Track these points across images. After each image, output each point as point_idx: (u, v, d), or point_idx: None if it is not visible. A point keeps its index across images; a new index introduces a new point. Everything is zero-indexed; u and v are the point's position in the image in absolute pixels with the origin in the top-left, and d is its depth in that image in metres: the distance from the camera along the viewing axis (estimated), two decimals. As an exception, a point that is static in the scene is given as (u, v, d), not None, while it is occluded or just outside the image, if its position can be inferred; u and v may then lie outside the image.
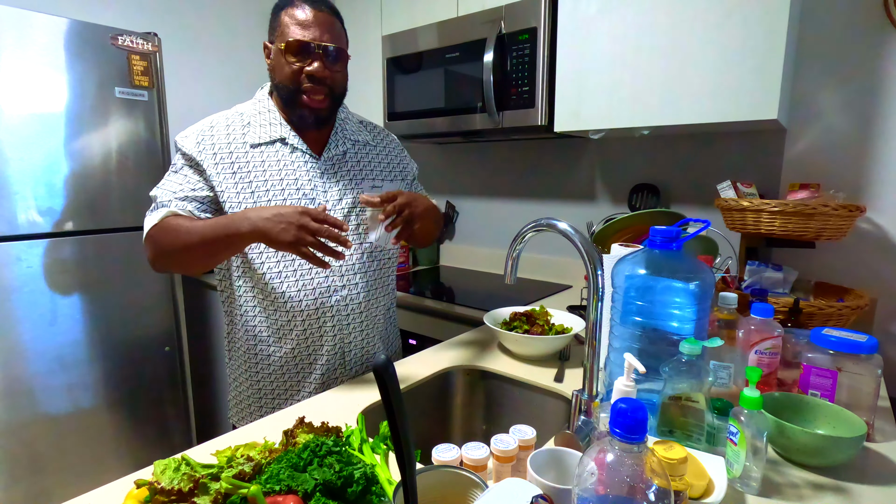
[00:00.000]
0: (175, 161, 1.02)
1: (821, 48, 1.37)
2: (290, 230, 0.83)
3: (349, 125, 1.13)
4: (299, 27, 0.96)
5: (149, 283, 1.69)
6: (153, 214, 0.97)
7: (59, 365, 1.51)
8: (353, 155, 1.10)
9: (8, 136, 1.38)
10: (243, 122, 1.04)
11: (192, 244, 0.91)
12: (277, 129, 1.03)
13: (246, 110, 1.06)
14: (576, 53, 1.47)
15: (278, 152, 1.02)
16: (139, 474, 0.66)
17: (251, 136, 1.02)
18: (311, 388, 1.06)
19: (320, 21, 0.97)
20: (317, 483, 0.54)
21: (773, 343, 0.86)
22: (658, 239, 0.76)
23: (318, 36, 0.96)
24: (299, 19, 0.96)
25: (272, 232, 0.84)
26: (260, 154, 1.01)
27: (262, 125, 1.03)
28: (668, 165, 1.72)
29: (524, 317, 1.22)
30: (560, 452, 0.62)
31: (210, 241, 0.90)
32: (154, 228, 0.95)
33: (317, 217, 0.84)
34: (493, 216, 2.22)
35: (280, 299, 1.01)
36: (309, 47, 0.96)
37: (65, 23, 1.46)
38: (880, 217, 1.34)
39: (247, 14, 2.38)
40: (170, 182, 1.00)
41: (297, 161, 1.03)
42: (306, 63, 0.97)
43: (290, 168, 1.02)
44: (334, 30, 0.99)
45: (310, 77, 0.97)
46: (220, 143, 1.00)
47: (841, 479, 0.69)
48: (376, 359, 0.45)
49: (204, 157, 0.98)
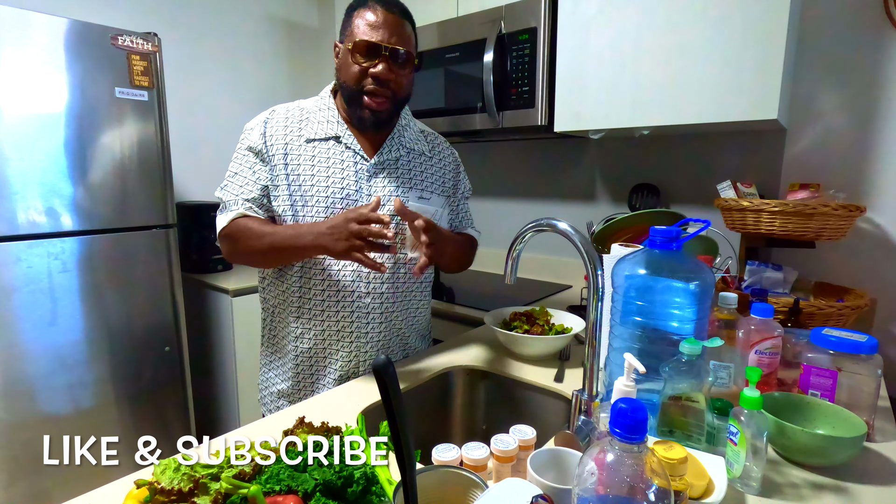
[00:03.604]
0: (238, 154, 1.04)
1: (821, 48, 1.37)
2: (342, 240, 0.88)
3: (408, 132, 1.11)
4: (369, 28, 0.96)
5: (149, 283, 1.69)
6: (223, 216, 1.02)
7: (59, 365, 1.50)
8: (405, 163, 1.08)
9: (8, 136, 1.38)
10: (302, 116, 1.05)
11: (262, 249, 0.98)
12: (334, 126, 1.04)
13: (307, 105, 1.07)
14: (576, 53, 1.47)
15: (330, 149, 1.03)
16: (139, 474, 0.66)
17: (307, 131, 1.03)
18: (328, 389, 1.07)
19: (390, 23, 0.96)
20: (317, 483, 0.54)
21: (773, 343, 0.86)
22: (658, 239, 0.76)
23: (386, 38, 0.96)
24: (370, 20, 0.96)
25: (329, 245, 0.90)
26: (312, 149, 1.02)
27: (320, 122, 1.04)
28: (668, 165, 1.72)
29: (524, 317, 1.22)
30: (560, 452, 0.62)
31: (278, 250, 0.97)
32: (226, 229, 1.01)
33: (360, 218, 0.87)
34: (493, 216, 2.21)
35: (306, 296, 1.03)
36: (376, 48, 0.96)
37: (65, 23, 1.45)
38: (880, 217, 1.34)
39: (247, 14, 2.38)
40: (234, 182, 1.03)
41: (348, 160, 1.03)
42: (372, 64, 0.97)
43: (338, 166, 1.02)
44: (404, 33, 0.98)
45: (374, 78, 0.97)
46: (278, 134, 1.02)
47: (841, 479, 0.69)
48: (376, 359, 0.45)
49: (267, 148, 1.01)
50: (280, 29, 2.51)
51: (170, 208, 1.72)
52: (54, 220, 1.48)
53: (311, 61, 2.65)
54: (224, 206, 1.03)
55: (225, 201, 1.03)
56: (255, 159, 1.02)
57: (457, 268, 1.18)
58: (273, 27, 2.48)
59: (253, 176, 1.02)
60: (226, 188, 1.04)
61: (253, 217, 1.01)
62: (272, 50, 2.49)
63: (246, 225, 0.99)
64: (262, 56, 2.45)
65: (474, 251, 1.24)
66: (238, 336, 1.94)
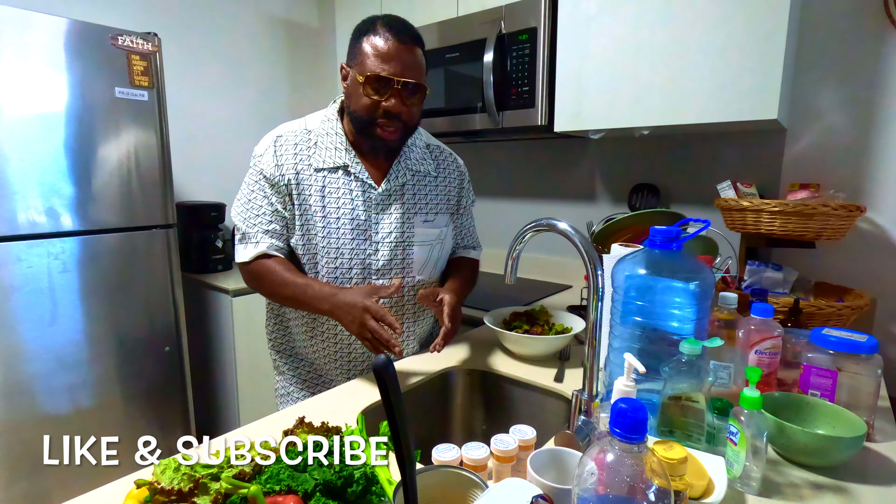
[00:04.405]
0: (251, 179, 1.04)
1: (821, 48, 1.37)
2: (354, 323, 0.92)
3: (414, 152, 1.10)
4: (380, 60, 0.93)
5: (148, 283, 1.69)
6: (244, 250, 1.03)
7: (59, 365, 1.50)
8: (410, 187, 1.08)
9: (8, 136, 1.38)
10: (310, 142, 1.03)
11: (283, 297, 1.03)
12: (342, 154, 1.03)
13: (314, 128, 1.05)
14: (576, 53, 1.47)
15: (339, 179, 1.02)
16: (139, 474, 0.66)
17: (316, 160, 1.02)
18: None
19: (402, 54, 0.94)
20: (317, 483, 0.54)
21: (773, 343, 0.86)
22: (658, 239, 0.76)
23: (398, 71, 0.93)
24: (381, 51, 0.93)
25: (342, 320, 0.94)
26: (322, 178, 1.02)
27: (328, 148, 1.03)
28: (668, 165, 1.72)
29: (524, 317, 1.22)
30: (560, 452, 0.62)
31: (297, 302, 1.01)
32: (249, 266, 1.03)
33: (376, 315, 0.90)
34: (493, 216, 2.21)
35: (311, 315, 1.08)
36: (389, 83, 0.94)
37: (65, 23, 1.45)
38: (880, 217, 1.34)
39: (247, 14, 2.38)
40: (250, 211, 1.03)
41: (356, 190, 1.03)
42: (383, 98, 0.95)
43: (347, 197, 1.02)
44: (415, 63, 0.96)
45: (385, 112, 0.96)
46: (289, 163, 1.01)
47: (841, 479, 0.69)
48: (376, 359, 0.45)
49: (281, 177, 1.00)
50: (280, 29, 2.51)
51: (170, 208, 1.72)
52: (54, 220, 1.48)
53: (311, 61, 2.65)
54: (244, 237, 1.03)
55: (243, 231, 1.03)
56: (269, 188, 1.01)
57: None
58: (273, 27, 2.48)
59: (270, 207, 1.01)
60: (241, 215, 1.04)
61: (275, 258, 1.02)
62: (272, 50, 2.49)
63: (269, 269, 1.01)
64: (262, 56, 2.45)
65: (477, 274, 1.26)
66: (238, 336, 1.94)
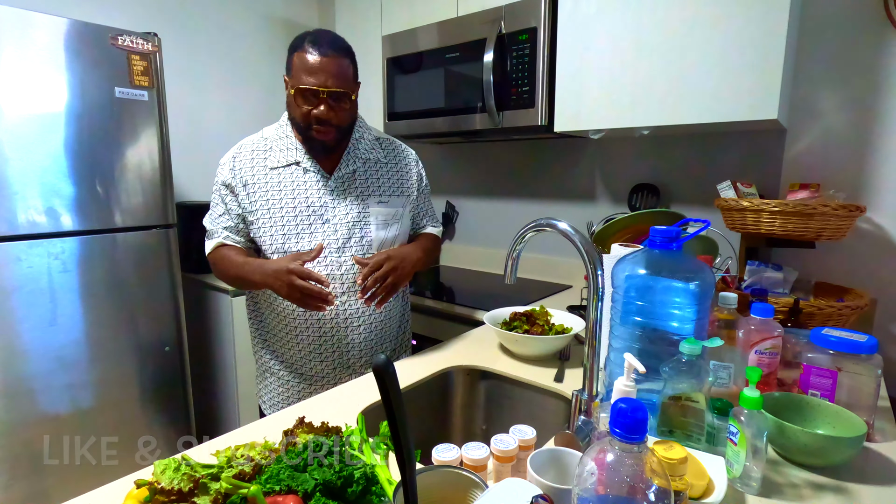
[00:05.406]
0: (215, 187, 1.15)
1: (821, 48, 1.37)
2: (284, 287, 0.99)
3: (363, 143, 1.18)
4: (306, 73, 1.02)
5: (149, 283, 1.69)
6: (208, 242, 1.15)
7: (59, 365, 1.50)
8: (362, 173, 1.16)
9: (8, 136, 1.38)
10: (266, 146, 1.14)
11: (233, 277, 1.11)
12: (293, 153, 1.12)
13: (269, 135, 1.15)
14: (576, 53, 1.47)
15: (293, 174, 1.11)
16: (139, 474, 0.66)
17: (271, 160, 1.12)
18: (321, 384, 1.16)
19: (326, 66, 1.02)
20: (317, 483, 0.54)
21: (773, 343, 0.86)
22: (658, 239, 0.76)
23: (323, 81, 1.02)
24: (307, 65, 1.02)
25: (273, 286, 1.02)
26: (278, 175, 1.11)
27: (281, 150, 1.12)
28: (668, 165, 1.72)
29: (524, 317, 1.22)
30: (560, 452, 0.62)
31: (240, 280, 1.09)
32: (210, 256, 1.15)
33: (301, 274, 0.97)
34: (493, 216, 2.21)
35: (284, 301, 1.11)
36: (315, 94, 1.02)
37: (65, 23, 1.45)
38: (880, 217, 1.34)
39: (247, 14, 2.38)
40: (214, 212, 1.15)
41: (310, 181, 1.11)
42: (314, 106, 1.04)
43: (302, 188, 1.11)
44: (340, 73, 1.03)
45: (317, 119, 1.04)
46: (246, 167, 1.11)
47: (841, 479, 0.69)
48: (376, 359, 0.45)
49: (236, 182, 1.10)
50: (280, 28, 2.51)
51: (170, 208, 1.72)
52: (54, 220, 1.48)
53: (311, 61, 2.65)
54: (209, 234, 1.16)
55: (209, 229, 1.15)
56: (226, 192, 1.12)
57: (424, 269, 1.30)
58: (273, 27, 2.48)
59: (226, 207, 1.12)
60: (208, 217, 1.16)
61: (230, 246, 1.12)
62: (272, 49, 2.49)
63: (223, 254, 1.12)
64: (262, 55, 2.45)
65: (438, 248, 1.33)
66: (238, 336, 1.94)
